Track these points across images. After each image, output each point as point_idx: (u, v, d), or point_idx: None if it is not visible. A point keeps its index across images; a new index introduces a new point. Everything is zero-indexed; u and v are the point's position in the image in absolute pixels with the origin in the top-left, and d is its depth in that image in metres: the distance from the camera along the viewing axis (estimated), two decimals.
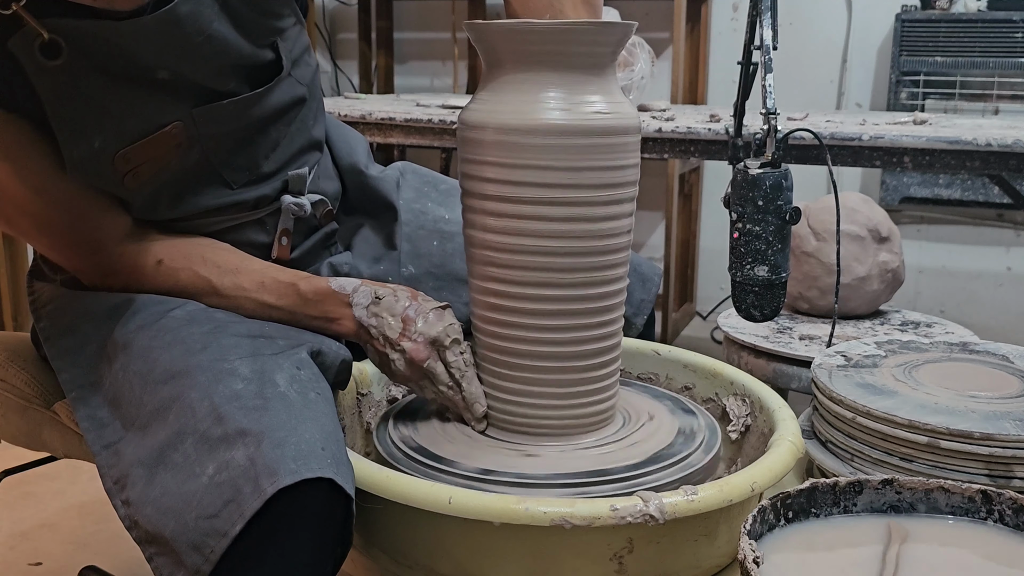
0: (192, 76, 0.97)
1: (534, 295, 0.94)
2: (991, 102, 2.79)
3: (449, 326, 0.99)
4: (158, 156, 0.98)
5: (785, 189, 1.10)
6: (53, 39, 0.89)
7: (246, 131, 1.04)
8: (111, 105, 0.94)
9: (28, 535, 1.86)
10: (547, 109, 0.91)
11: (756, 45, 1.13)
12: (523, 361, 0.97)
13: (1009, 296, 3.00)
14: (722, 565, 0.92)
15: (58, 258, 1.05)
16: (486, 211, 0.94)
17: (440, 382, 0.99)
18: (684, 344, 2.07)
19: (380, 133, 2.18)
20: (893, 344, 1.29)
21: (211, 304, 1.01)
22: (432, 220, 1.23)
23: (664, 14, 3.07)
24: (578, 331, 0.96)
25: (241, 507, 0.76)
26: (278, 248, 1.11)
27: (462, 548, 0.87)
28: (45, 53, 0.90)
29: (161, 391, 0.87)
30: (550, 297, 0.94)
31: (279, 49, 1.04)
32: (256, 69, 1.02)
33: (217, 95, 1.00)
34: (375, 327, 0.99)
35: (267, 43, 1.03)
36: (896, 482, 0.83)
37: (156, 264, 1.02)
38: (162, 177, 1.00)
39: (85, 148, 0.94)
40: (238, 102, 1.01)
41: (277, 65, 1.04)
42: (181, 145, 0.99)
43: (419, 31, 3.65)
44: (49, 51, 0.90)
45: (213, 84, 0.99)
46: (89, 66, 0.92)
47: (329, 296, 1.01)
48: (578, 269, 0.94)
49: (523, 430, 0.99)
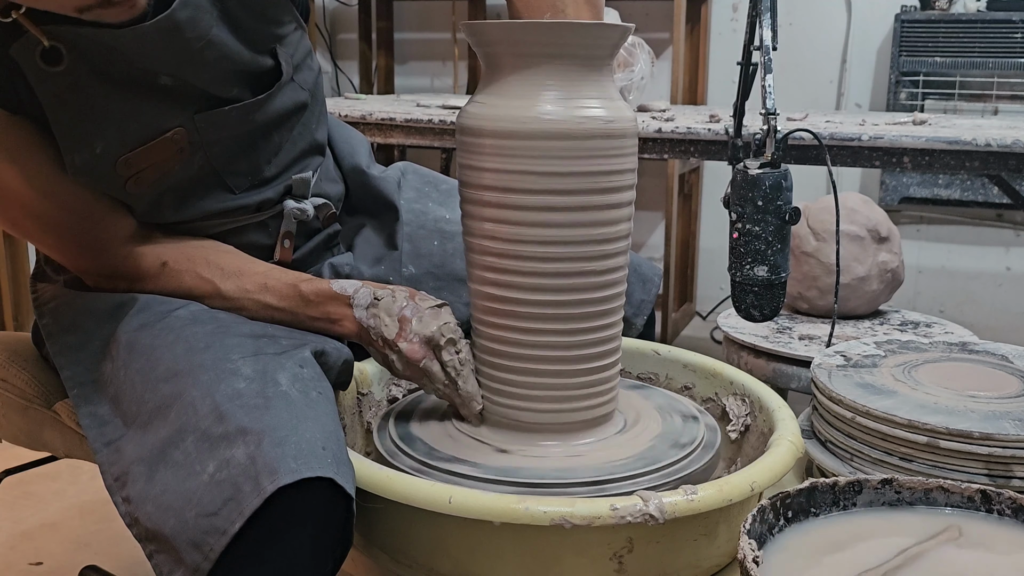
0: (194, 82, 0.97)
1: (533, 299, 0.94)
2: (990, 102, 2.80)
3: (444, 325, 0.99)
4: (160, 161, 0.98)
5: (785, 189, 1.10)
6: (54, 46, 0.90)
7: (249, 136, 1.04)
8: (112, 110, 0.94)
9: (29, 535, 1.86)
10: (544, 111, 0.91)
11: (756, 45, 1.13)
12: (523, 364, 0.97)
13: (1008, 296, 3.01)
14: (722, 565, 0.92)
15: (63, 259, 1.06)
16: (484, 215, 0.95)
17: (437, 381, 0.99)
18: (684, 344, 2.07)
19: (380, 133, 2.19)
20: (892, 344, 1.29)
21: (214, 306, 1.01)
22: (433, 220, 1.23)
23: (664, 14, 3.07)
24: (578, 334, 0.96)
25: (241, 505, 0.77)
26: (280, 251, 1.11)
27: (462, 548, 0.87)
28: (46, 59, 0.90)
29: (163, 389, 0.87)
30: (549, 301, 0.94)
31: (279, 56, 1.04)
32: (257, 76, 1.03)
33: (219, 101, 1.00)
34: (374, 328, 1.00)
35: (267, 50, 1.03)
36: (895, 482, 0.84)
37: (160, 266, 1.02)
38: (165, 182, 1.00)
39: (87, 153, 0.95)
40: (240, 108, 1.01)
41: (278, 72, 1.04)
42: (183, 151, 0.99)
43: (419, 31, 3.65)
44: (50, 57, 0.90)
45: (215, 90, 0.99)
46: (90, 72, 0.92)
47: (330, 298, 1.01)
48: (577, 272, 0.94)
49: (523, 430, 0.99)
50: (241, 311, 1.02)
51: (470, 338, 1.02)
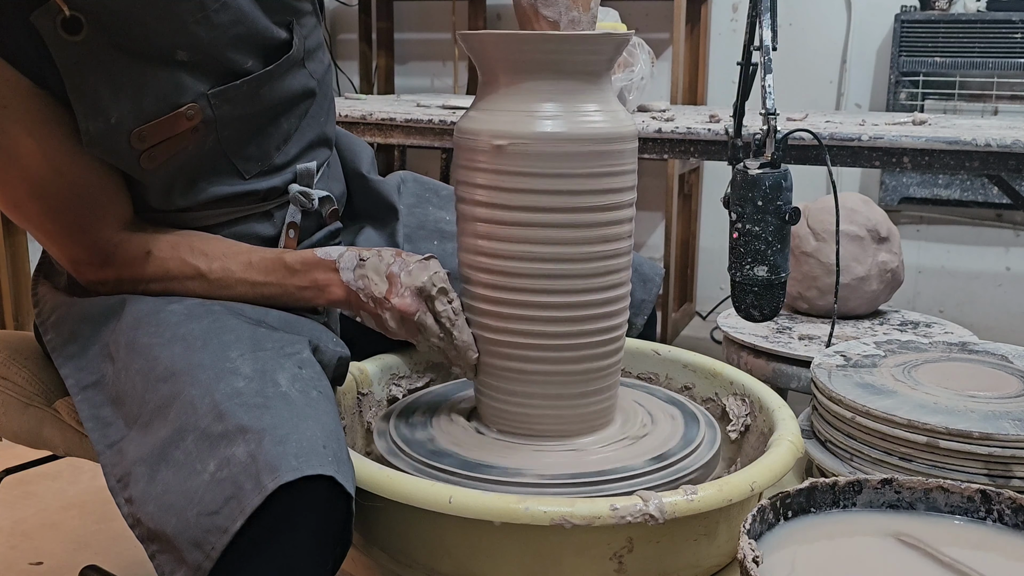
0: (208, 49, 0.98)
1: (534, 302, 0.95)
2: (990, 102, 2.80)
3: (434, 275, 1.00)
4: (174, 138, 0.99)
5: (784, 189, 1.10)
6: (75, 15, 0.91)
7: (259, 118, 1.05)
8: (129, 82, 0.96)
9: (29, 534, 1.86)
10: (543, 119, 0.91)
11: (755, 46, 1.13)
12: (524, 366, 0.97)
13: (1008, 296, 3.01)
14: (722, 565, 0.93)
15: (56, 249, 1.06)
16: (480, 219, 0.95)
17: (431, 334, 1.00)
18: (684, 344, 2.07)
19: (380, 133, 2.19)
20: (892, 344, 1.29)
21: (202, 290, 1.02)
22: (433, 221, 1.24)
23: (664, 14, 3.07)
24: (579, 337, 0.96)
25: (242, 503, 0.77)
26: (285, 240, 1.12)
27: (462, 548, 0.87)
28: (66, 28, 0.92)
29: (162, 389, 0.88)
30: (550, 304, 0.95)
31: (294, 31, 1.05)
32: (270, 48, 1.04)
33: (232, 76, 1.01)
34: (363, 289, 1.00)
35: (283, 21, 1.04)
36: (895, 482, 0.84)
37: (146, 255, 1.03)
38: (178, 161, 1.01)
39: (102, 123, 0.96)
40: (250, 81, 1.02)
41: (290, 46, 1.05)
42: (197, 130, 1.00)
43: (419, 32, 3.65)
44: (70, 27, 0.92)
45: (228, 61, 1.00)
46: (109, 43, 0.94)
47: (316, 264, 1.02)
48: (578, 276, 0.94)
49: (524, 431, 0.99)
50: (230, 292, 1.02)
51: (457, 285, 1.02)
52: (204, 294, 1.02)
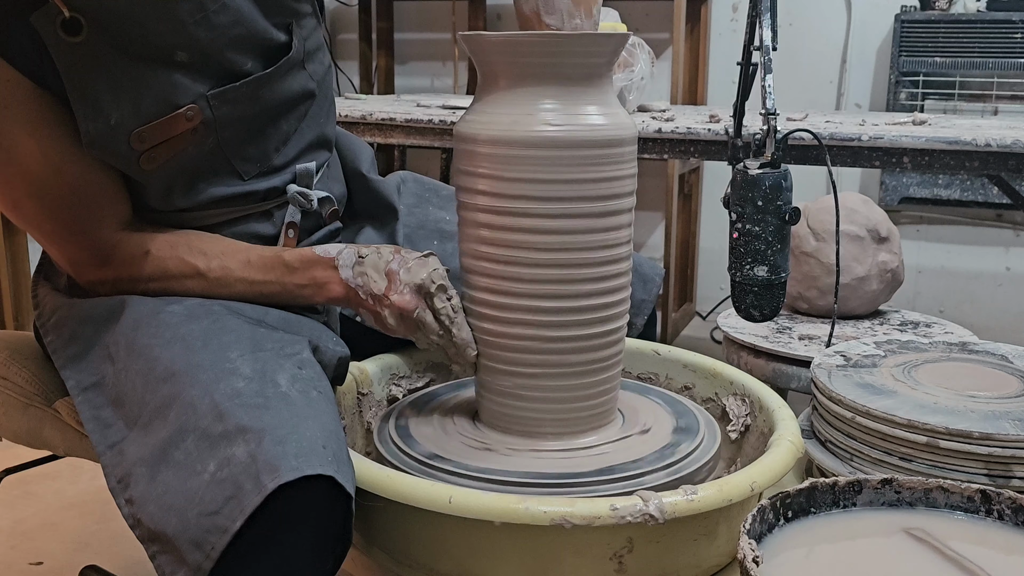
0: (207, 50, 0.98)
1: (535, 306, 0.95)
2: (990, 102, 2.80)
3: (433, 271, 1.00)
4: (174, 139, 0.99)
5: (784, 189, 1.10)
6: (74, 16, 0.91)
7: (258, 120, 1.05)
8: (128, 83, 0.96)
9: (29, 534, 1.86)
10: (543, 121, 0.92)
11: (756, 45, 1.13)
12: (524, 367, 0.97)
13: (1008, 296, 3.01)
14: (722, 565, 0.93)
15: (56, 250, 1.06)
16: (480, 222, 0.96)
17: (431, 331, 1.00)
18: (684, 344, 2.07)
19: (381, 133, 2.19)
20: (892, 344, 1.29)
21: (201, 289, 1.02)
22: (433, 220, 1.24)
23: (664, 14, 3.07)
24: (579, 340, 0.96)
25: (242, 503, 0.77)
26: (284, 240, 1.12)
27: (462, 548, 0.87)
28: (66, 30, 0.92)
29: (162, 389, 0.88)
30: (550, 308, 0.95)
31: (293, 33, 1.05)
32: (270, 50, 1.04)
33: (232, 77, 1.01)
34: (362, 287, 1.00)
35: (283, 23, 1.04)
36: (895, 482, 0.84)
37: (144, 254, 1.03)
38: (177, 162, 1.01)
39: (102, 123, 0.96)
40: (250, 83, 1.02)
41: (290, 48, 1.05)
42: (197, 131, 1.00)
43: (419, 32, 3.65)
44: (70, 28, 0.92)
45: (227, 62, 1.00)
46: (108, 45, 0.94)
47: (314, 262, 1.03)
48: (578, 279, 0.95)
49: (524, 431, 0.99)
50: (229, 291, 1.02)
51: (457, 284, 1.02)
52: (203, 293, 1.02)
